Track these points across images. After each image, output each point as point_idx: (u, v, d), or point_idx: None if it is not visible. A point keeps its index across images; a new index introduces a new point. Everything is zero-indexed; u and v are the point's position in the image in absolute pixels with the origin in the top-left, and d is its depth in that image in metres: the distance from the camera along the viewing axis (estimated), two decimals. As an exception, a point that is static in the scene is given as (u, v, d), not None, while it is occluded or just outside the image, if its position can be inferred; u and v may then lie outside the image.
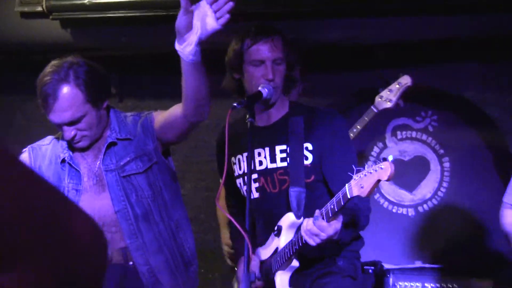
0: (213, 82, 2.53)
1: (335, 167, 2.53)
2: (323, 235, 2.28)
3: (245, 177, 2.62)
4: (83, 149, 2.58)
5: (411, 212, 4.55)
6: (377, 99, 3.43)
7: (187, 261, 2.68)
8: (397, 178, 4.51)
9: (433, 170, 4.55)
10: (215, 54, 2.62)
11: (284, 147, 2.61)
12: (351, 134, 3.37)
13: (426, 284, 3.84)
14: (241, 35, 2.61)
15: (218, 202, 2.61)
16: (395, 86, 3.36)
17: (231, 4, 2.21)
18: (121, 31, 4.06)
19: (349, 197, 2.19)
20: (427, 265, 4.05)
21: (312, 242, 2.32)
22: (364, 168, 2.15)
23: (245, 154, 2.66)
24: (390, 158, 2.08)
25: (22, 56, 4.17)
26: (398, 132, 4.60)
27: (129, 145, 2.59)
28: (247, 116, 2.39)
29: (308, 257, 2.54)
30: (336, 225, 2.28)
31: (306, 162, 2.55)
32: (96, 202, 2.53)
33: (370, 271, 3.77)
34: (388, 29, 4.06)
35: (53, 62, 2.47)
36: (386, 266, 3.82)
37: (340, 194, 2.22)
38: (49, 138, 2.69)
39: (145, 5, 3.89)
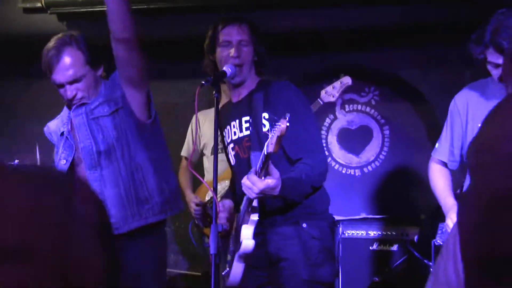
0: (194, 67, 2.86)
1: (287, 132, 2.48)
2: (255, 189, 2.38)
3: (228, 146, 2.89)
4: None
5: (357, 172, 4.93)
6: (322, 93, 3.67)
7: (143, 198, 2.77)
8: (346, 144, 4.98)
9: (375, 137, 4.92)
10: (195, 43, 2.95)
11: (247, 118, 2.78)
12: None
13: (369, 232, 4.20)
14: (215, 23, 2.85)
15: (190, 166, 2.76)
16: (338, 84, 3.61)
17: None
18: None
19: (265, 153, 2.28)
20: (370, 216, 4.38)
21: (249, 195, 2.45)
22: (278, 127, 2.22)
23: (228, 127, 2.88)
24: (287, 116, 2.17)
25: (24, 46, 4.17)
26: (346, 105, 4.94)
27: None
28: (214, 92, 2.56)
29: (269, 213, 2.67)
30: (269, 181, 2.37)
31: (264, 130, 2.66)
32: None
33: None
34: (336, 19, 4.28)
35: (56, 36, 2.71)
36: (337, 218, 3.82)
37: (263, 152, 2.34)
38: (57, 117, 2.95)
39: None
